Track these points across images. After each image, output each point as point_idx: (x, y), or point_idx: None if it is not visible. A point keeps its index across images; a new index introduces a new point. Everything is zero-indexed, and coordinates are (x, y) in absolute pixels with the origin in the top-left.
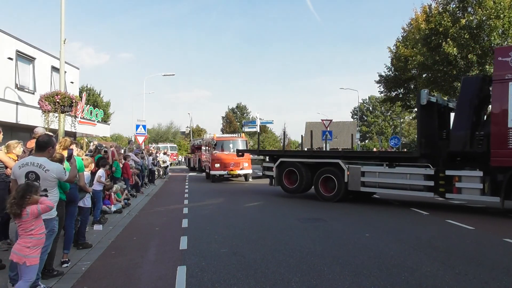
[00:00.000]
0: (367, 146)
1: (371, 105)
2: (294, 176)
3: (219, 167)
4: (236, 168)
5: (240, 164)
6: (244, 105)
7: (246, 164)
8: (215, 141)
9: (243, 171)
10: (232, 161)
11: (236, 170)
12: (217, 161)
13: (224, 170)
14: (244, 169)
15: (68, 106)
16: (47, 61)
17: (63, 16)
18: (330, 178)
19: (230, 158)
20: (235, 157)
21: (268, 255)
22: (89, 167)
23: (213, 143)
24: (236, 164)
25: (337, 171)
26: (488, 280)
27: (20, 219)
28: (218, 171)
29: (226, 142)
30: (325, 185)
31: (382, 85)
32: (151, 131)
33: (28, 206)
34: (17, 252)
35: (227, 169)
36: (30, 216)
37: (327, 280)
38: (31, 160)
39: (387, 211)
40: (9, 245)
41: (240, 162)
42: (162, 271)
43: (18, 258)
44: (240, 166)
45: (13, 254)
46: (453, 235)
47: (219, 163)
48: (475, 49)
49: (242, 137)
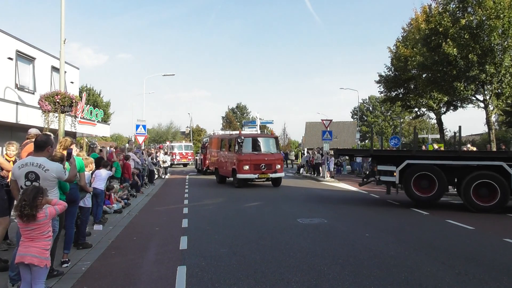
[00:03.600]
0: (367, 146)
1: (371, 105)
2: (425, 182)
3: (248, 170)
4: (269, 171)
5: (273, 166)
6: (244, 105)
7: (279, 166)
8: (243, 138)
9: (276, 175)
10: (263, 162)
11: (269, 173)
12: (246, 162)
13: (254, 173)
14: (277, 172)
15: (68, 106)
16: (47, 61)
17: (63, 16)
18: (488, 184)
19: (262, 159)
20: (267, 158)
21: (268, 255)
22: (89, 167)
23: (240, 140)
24: (268, 166)
25: (499, 176)
26: (488, 280)
27: (35, 222)
28: (246, 174)
29: (255, 140)
30: (477, 193)
31: (382, 85)
32: (151, 131)
33: (44, 208)
34: (38, 256)
35: (257, 172)
36: (49, 218)
37: (327, 280)
38: (31, 160)
39: (387, 211)
40: (9, 245)
41: (273, 164)
42: (162, 271)
43: (39, 262)
44: (272, 168)
45: (32, 258)
46: (453, 235)
47: (249, 165)
48: (475, 49)
49: (272, 133)
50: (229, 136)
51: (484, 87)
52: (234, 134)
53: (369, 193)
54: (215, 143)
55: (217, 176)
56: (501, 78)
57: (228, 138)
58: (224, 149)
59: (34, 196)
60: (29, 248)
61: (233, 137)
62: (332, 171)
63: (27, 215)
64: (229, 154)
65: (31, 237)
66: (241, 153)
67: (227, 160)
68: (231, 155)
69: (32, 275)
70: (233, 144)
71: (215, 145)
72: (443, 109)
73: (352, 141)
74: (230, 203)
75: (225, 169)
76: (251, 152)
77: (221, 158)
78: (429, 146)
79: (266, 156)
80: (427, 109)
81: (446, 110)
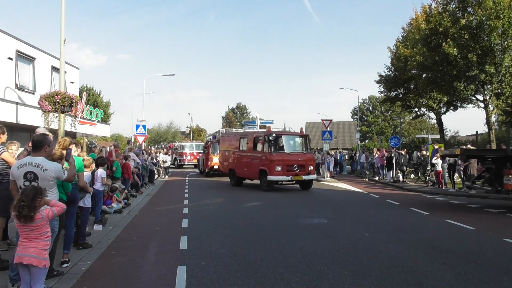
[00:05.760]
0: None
1: (371, 105)
2: None
3: (280, 171)
4: (302, 172)
5: (305, 167)
6: (244, 105)
7: (311, 168)
8: (274, 135)
9: (309, 177)
10: (296, 163)
11: (302, 175)
12: (279, 163)
13: (287, 175)
14: (310, 173)
15: (68, 106)
16: (47, 61)
17: (63, 16)
18: None
19: (295, 160)
20: (300, 158)
21: (268, 255)
22: (90, 167)
23: (271, 137)
24: (301, 167)
25: None
26: (488, 280)
27: (33, 223)
28: (278, 176)
29: (287, 138)
30: None
31: (382, 85)
32: (151, 131)
33: (41, 210)
34: (37, 256)
35: (290, 173)
36: (46, 219)
37: (327, 280)
38: (29, 160)
39: (387, 211)
40: (9, 245)
41: (306, 165)
42: (162, 271)
43: (38, 262)
44: (305, 170)
45: (31, 258)
46: (453, 235)
47: (281, 166)
48: (475, 49)
49: (302, 132)
50: (252, 134)
51: (484, 87)
52: (259, 132)
53: (369, 193)
54: (231, 141)
55: (233, 178)
56: (501, 78)
57: (252, 136)
58: (245, 148)
59: (33, 196)
60: (28, 249)
61: (260, 134)
62: (332, 171)
63: (25, 216)
64: (254, 154)
65: (30, 238)
66: (272, 153)
67: (251, 160)
68: (258, 155)
69: (31, 275)
70: (261, 142)
71: (231, 143)
72: (443, 109)
73: (352, 141)
74: (230, 203)
75: (247, 171)
76: (284, 152)
77: (240, 158)
78: (429, 146)
79: (299, 156)
80: (427, 109)
81: (446, 110)
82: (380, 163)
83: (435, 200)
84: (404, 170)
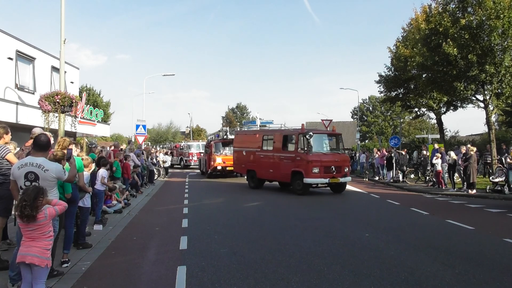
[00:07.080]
0: (367, 146)
1: (371, 105)
2: None
3: (318, 173)
4: (338, 174)
5: (342, 169)
6: (244, 105)
7: (347, 169)
8: (312, 134)
9: (345, 179)
10: (334, 164)
11: (339, 178)
12: (316, 164)
13: (325, 177)
14: (346, 175)
15: (68, 106)
16: (47, 61)
17: (63, 16)
18: None
19: (332, 160)
20: (337, 159)
21: (268, 255)
22: (89, 167)
23: (308, 136)
24: (338, 169)
25: None
26: (488, 280)
27: (35, 222)
28: (316, 179)
29: (323, 137)
30: None
31: (382, 85)
32: (151, 131)
33: (44, 208)
34: (39, 256)
35: (328, 175)
36: (49, 218)
37: (327, 280)
38: (30, 160)
39: (387, 211)
40: (9, 245)
41: (342, 167)
42: (162, 271)
43: (40, 261)
44: (342, 171)
45: (33, 257)
46: (453, 235)
47: (319, 167)
48: (475, 49)
49: (334, 130)
50: (280, 132)
51: (484, 87)
52: (289, 130)
53: (369, 193)
54: (250, 140)
55: (252, 181)
56: (501, 78)
57: (280, 134)
58: (270, 147)
59: (34, 196)
60: (31, 248)
61: (291, 132)
62: None
63: (27, 215)
64: (283, 154)
65: (32, 237)
66: (309, 153)
67: (280, 161)
68: (290, 155)
69: (33, 275)
70: (294, 141)
71: (250, 142)
72: (443, 109)
73: (352, 141)
74: (230, 203)
75: (273, 172)
76: (321, 152)
77: (263, 158)
78: (429, 146)
79: (336, 157)
80: (427, 109)
81: (446, 110)
82: (380, 163)
83: (435, 200)
84: (404, 170)
